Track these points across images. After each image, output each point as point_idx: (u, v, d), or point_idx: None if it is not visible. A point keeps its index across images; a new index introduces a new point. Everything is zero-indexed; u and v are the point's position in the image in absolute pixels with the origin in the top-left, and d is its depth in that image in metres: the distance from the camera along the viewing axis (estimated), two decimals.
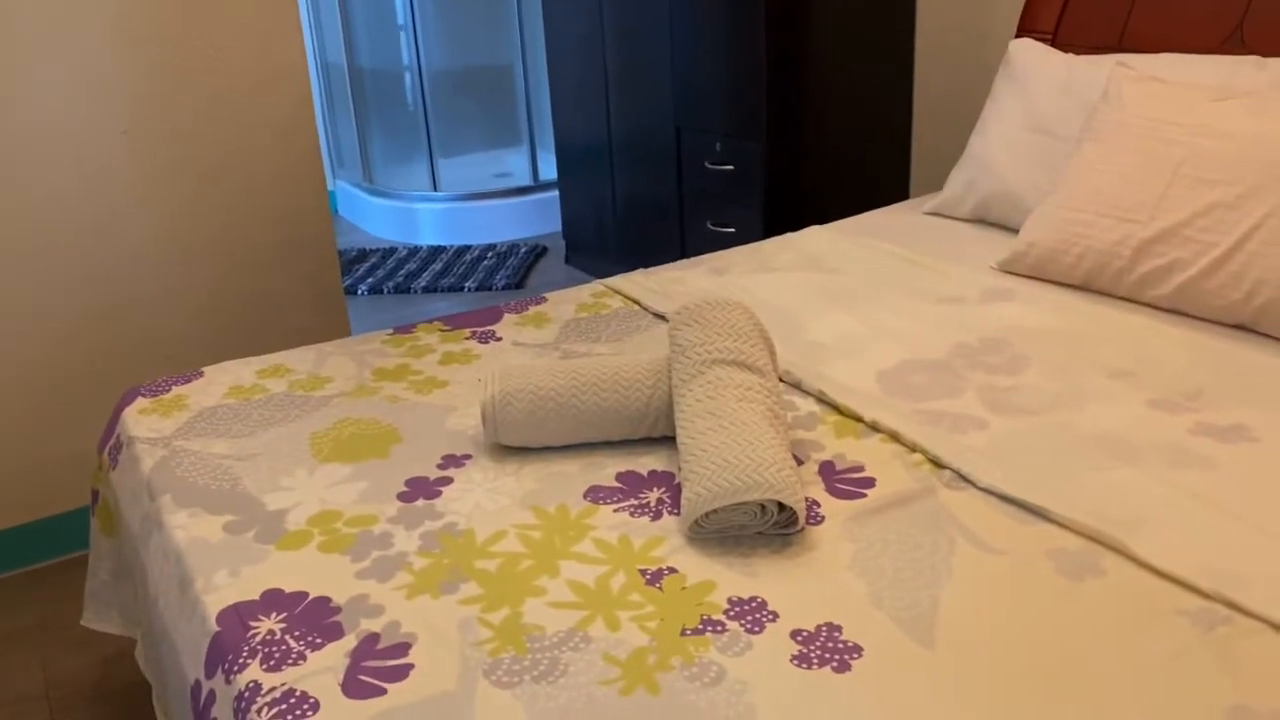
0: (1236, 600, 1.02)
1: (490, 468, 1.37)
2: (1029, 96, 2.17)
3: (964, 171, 2.24)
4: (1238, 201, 1.63)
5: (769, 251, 2.14)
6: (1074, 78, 2.10)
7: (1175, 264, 1.69)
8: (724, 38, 2.73)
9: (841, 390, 1.51)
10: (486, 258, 4.00)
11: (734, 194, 2.83)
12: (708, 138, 2.87)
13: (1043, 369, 1.55)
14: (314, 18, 4.49)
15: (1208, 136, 1.71)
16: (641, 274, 2.07)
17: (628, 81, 3.19)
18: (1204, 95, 1.78)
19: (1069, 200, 1.85)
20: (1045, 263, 1.87)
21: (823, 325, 1.75)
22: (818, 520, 1.21)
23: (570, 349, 1.73)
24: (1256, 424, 1.36)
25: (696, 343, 1.35)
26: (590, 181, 3.54)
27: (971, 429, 1.40)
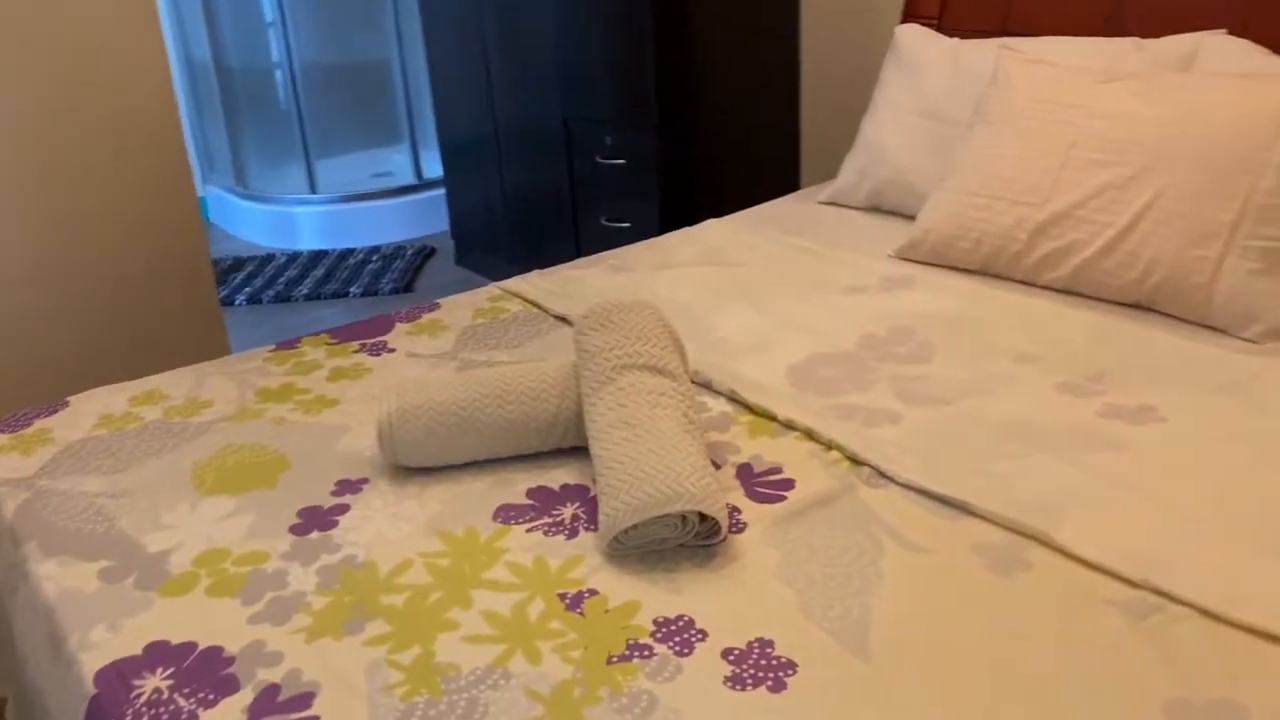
0: (1164, 587, 1.01)
1: (390, 492, 1.29)
2: (918, 81, 2.17)
3: (856, 159, 2.23)
4: (1129, 182, 1.65)
5: (669, 246, 2.10)
6: (961, 62, 2.11)
7: (1071, 246, 1.70)
8: (609, 30, 2.67)
9: (753, 388, 1.47)
10: (371, 261, 3.86)
11: (628, 188, 2.77)
12: (598, 131, 2.81)
13: (950, 356, 1.55)
14: (175, 13, 4.27)
15: (1096, 118, 1.72)
16: (539, 275, 2.00)
17: (511, 74, 3.10)
18: (1090, 77, 1.80)
19: (964, 185, 1.85)
20: (943, 248, 1.87)
21: (729, 321, 1.71)
22: (740, 528, 1.17)
23: (469, 358, 1.65)
24: (1162, 403, 1.37)
25: (605, 348, 1.29)
26: (477, 178, 3.45)
27: (885, 422, 1.37)
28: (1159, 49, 1.88)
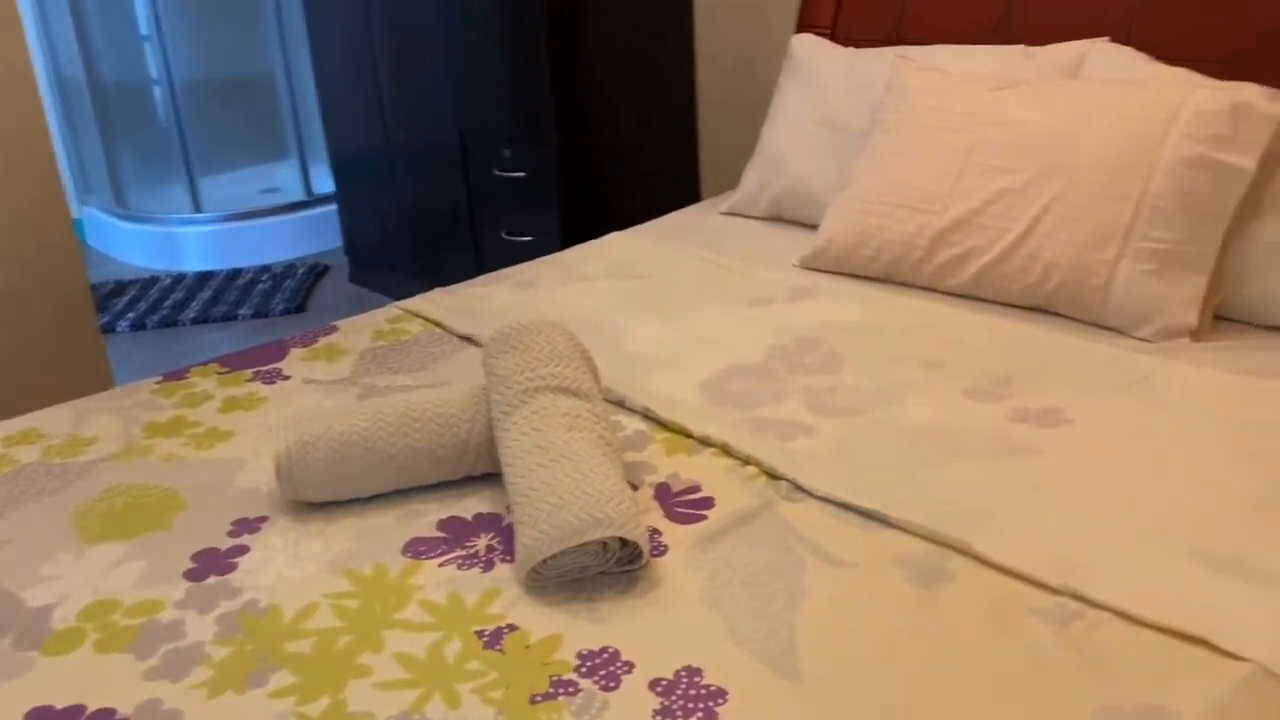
0: (1084, 593, 1.02)
1: (291, 529, 1.22)
2: (814, 91, 2.18)
3: (757, 169, 2.24)
4: (1026, 188, 1.68)
5: (574, 261, 2.06)
6: (856, 70, 2.13)
7: (971, 252, 1.73)
8: (503, 42, 2.63)
9: (666, 404, 1.45)
10: (261, 281, 3.73)
11: (527, 201, 2.73)
12: (495, 144, 2.76)
13: (858, 365, 1.55)
14: (42, 26, 4.06)
15: (992, 125, 1.75)
16: (441, 293, 1.94)
17: (403, 87, 3.03)
18: (983, 85, 1.83)
19: (864, 193, 1.87)
20: (846, 257, 1.88)
21: (639, 336, 1.69)
22: (661, 551, 1.14)
23: (370, 383, 1.59)
24: (1068, 406, 1.39)
25: (516, 370, 1.25)
26: (370, 193, 3.35)
27: (799, 435, 1.36)
28: (1047, 56, 1.92)
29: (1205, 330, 1.58)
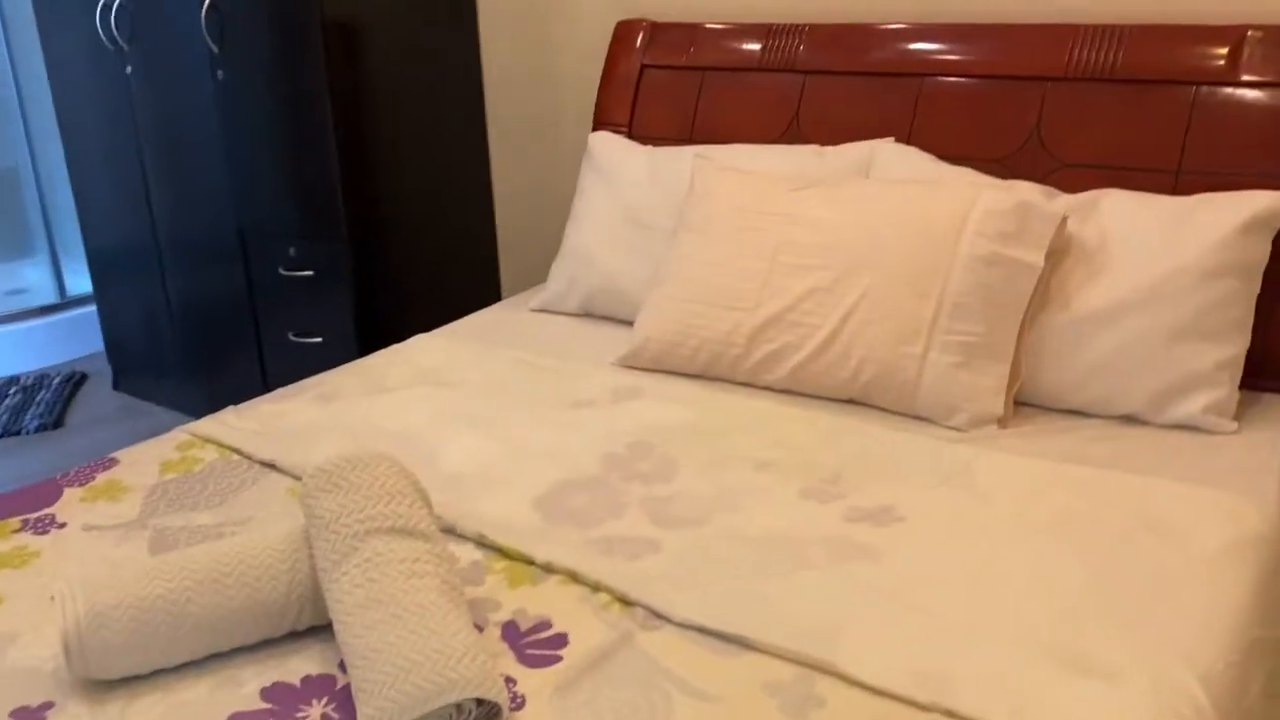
0: (954, 708, 1.02)
1: (84, 715, 1.06)
2: (617, 188, 2.18)
3: (565, 266, 2.21)
4: (834, 285, 1.73)
5: (378, 368, 1.95)
6: (657, 169, 2.15)
7: (786, 348, 1.75)
8: (287, 134, 2.50)
9: (502, 528, 1.37)
10: (9, 394, 3.35)
11: (317, 301, 2.58)
12: (279, 241, 2.61)
13: (693, 469, 1.52)
14: None
15: (796, 224, 1.80)
16: (233, 413, 1.78)
17: (174, 181, 2.82)
18: (784, 185, 1.88)
19: (678, 291, 1.87)
20: (664, 355, 1.87)
21: (460, 451, 1.60)
22: (519, 703, 1.05)
23: (163, 525, 1.42)
24: (898, 502, 1.41)
25: (342, 511, 1.14)
26: (136, 292, 3.09)
27: (646, 552, 1.32)
28: (838, 156, 2.01)
29: (1010, 417, 1.66)
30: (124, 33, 2.72)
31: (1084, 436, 1.61)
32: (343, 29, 2.38)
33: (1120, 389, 1.64)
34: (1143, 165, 1.81)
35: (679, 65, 2.30)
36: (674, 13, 2.38)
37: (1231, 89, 1.75)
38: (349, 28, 2.40)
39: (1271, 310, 1.69)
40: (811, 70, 2.15)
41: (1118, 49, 1.84)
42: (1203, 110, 1.77)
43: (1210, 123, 1.76)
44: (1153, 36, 1.82)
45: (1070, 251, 1.70)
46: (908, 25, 2.06)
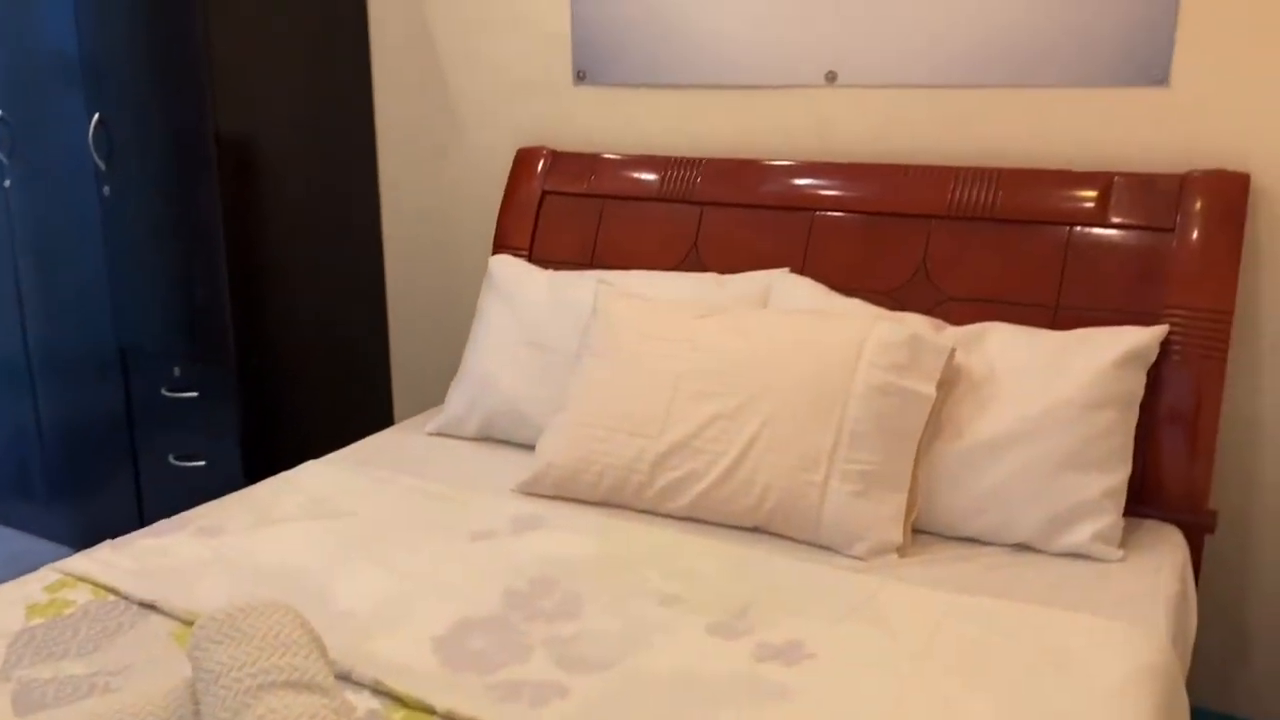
0: None
1: None
2: (518, 312, 2.18)
3: (464, 389, 2.18)
4: (736, 412, 1.74)
5: (266, 498, 1.87)
6: (558, 293, 2.16)
7: (690, 475, 1.75)
8: (176, 253, 2.43)
9: (400, 673, 1.31)
10: None
11: (201, 423, 2.49)
12: (163, 361, 2.51)
13: (598, 606, 1.49)
14: None
15: (699, 351, 1.82)
16: (109, 549, 1.68)
17: (51, 296, 2.71)
18: (686, 312, 1.91)
19: (581, 417, 1.86)
20: (566, 482, 1.85)
21: (354, 587, 1.54)
22: None
23: (29, 678, 1.32)
24: (806, 637, 1.41)
25: (235, 664, 1.07)
26: (4, 410, 2.92)
27: (553, 697, 1.27)
28: (738, 285, 2.06)
29: (909, 545, 1.68)
30: (4, 147, 2.63)
31: (981, 565, 1.64)
32: (237, 146, 2.36)
33: (1012, 518, 1.68)
34: (1023, 300, 1.90)
35: (579, 193, 2.34)
36: (573, 143, 2.44)
37: (1101, 230, 1.86)
38: (243, 145, 2.38)
39: (1148, 439, 1.77)
40: (708, 202, 2.21)
41: (996, 190, 1.95)
42: (1076, 249, 1.87)
43: (1084, 261, 1.87)
44: (1027, 180, 1.93)
45: (959, 382, 1.76)
46: (797, 163, 2.14)
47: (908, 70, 2.06)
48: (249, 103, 2.37)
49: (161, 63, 2.33)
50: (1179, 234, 1.80)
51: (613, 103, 2.38)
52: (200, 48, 2.26)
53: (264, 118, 2.41)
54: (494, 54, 2.50)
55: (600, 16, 2.34)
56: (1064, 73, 1.93)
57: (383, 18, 2.62)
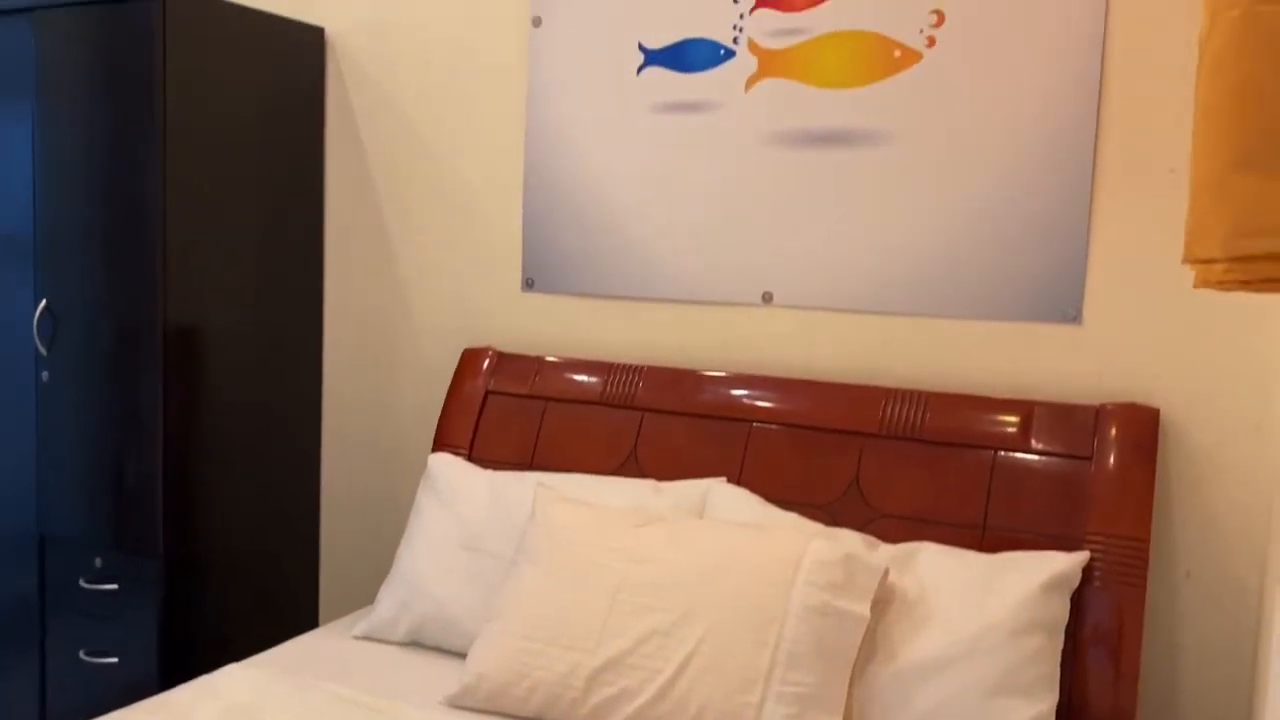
0: None
1: None
2: (455, 512, 2.18)
3: (394, 591, 2.15)
4: (673, 628, 1.74)
5: (183, 704, 1.80)
6: (497, 494, 2.17)
7: (624, 693, 1.73)
8: (111, 443, 2.40)
9: None
10: None
11: (119, 618, 2.40)
12: (85, 550, 2.44)
13: None
14: None
15: (635, 563, 1.83)
16: None
17: None
18: (625, 520, 1.93)
19: (514, 627, 1.84)
20: (497, 695, 1.81)
21: None
22: None
23: None
24: None
25: None
26: None
27: None
28: (676, 492, 2.09)
29: None
30: None
31: None
32: (184, 335, 2.37)
33: None
34: (952, 520, 1.96)
35: (522, 394, 2.39)
36: (519, 345, 2.50)
37: (1024, 455, 1.95)
38: (190, 334, 2.39)
39: (1074, 663, 1.80)
40: (649, 408, 2.27)
41: (924, 412, 2.03)
42: (1001, 473, 1.95)
43: (1008, 485, 1.94)
44: (954, 404, 2.03)
45: (893, 602, 1.79)
46: (735, 376, 2.23)
47: (839, 295, 2.18)
48: (199, 292, 2.41)
49: (116, 249, 2.37)
50: (1096, 463, 1.90)
51: (559, 310, 2.47)
52: (157, 233, 2.30)
53: (213, 307, 2.44)
54: (446, 255, 2.59)
55: (550, 228, 2.45)
56: (985, 306, 2.06)
57: (338, 211, 2.71)
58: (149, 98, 2.28)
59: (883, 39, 2.11)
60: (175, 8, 2.28)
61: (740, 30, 2.24)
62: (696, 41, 2.29)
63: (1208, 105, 0.78)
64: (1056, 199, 2.00)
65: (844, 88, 2.15)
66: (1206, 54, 0.79)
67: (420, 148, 2.60)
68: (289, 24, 2.60)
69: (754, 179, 2.24)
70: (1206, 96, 0.79)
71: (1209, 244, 0.78)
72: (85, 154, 2.38)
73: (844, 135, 2.16)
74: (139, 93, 2.30)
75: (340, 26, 2.67)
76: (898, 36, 2.10)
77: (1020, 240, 2.03)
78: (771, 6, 2.21)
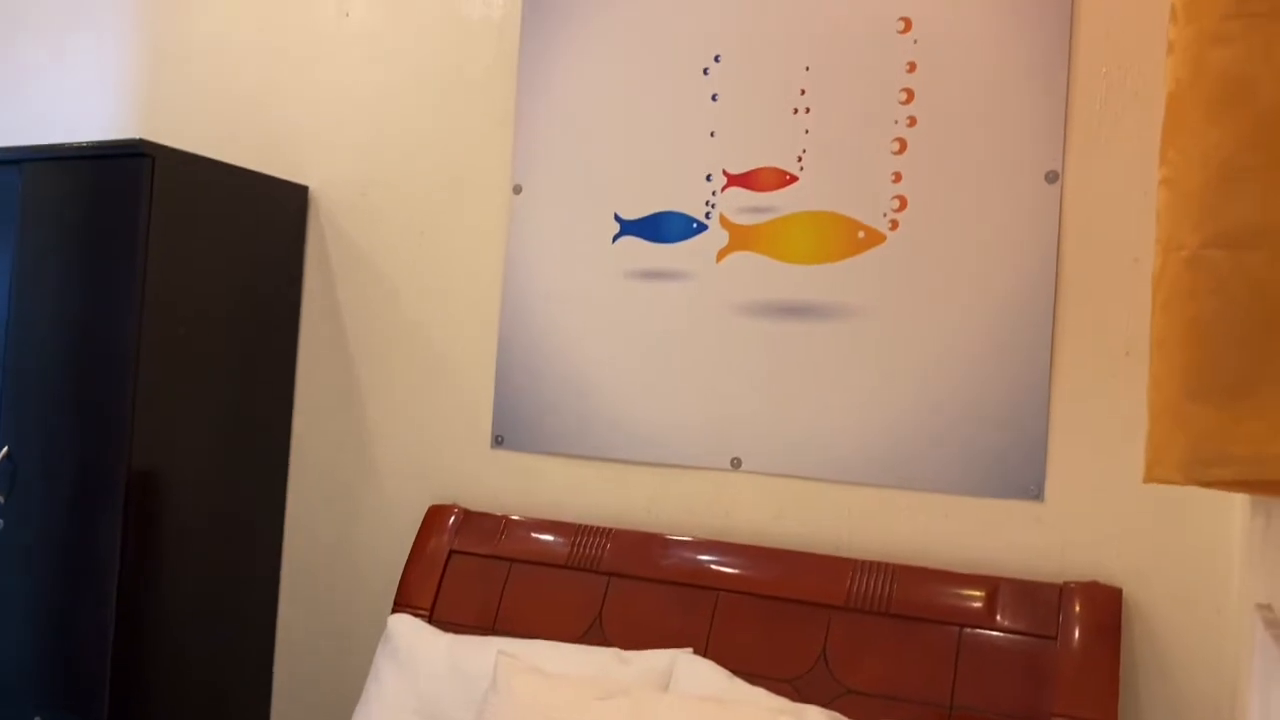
0: None
1: None
2: (413, 676, 2.13)
3: None
4: None
5: None
6: (458, 659, 2.12)
7: None
8: (60, 595, 2.34)
9: None
10: None
11: None
12: (23, 707, 2.34)
13: None
14: None
15: None
16: None
17: None
18: (587, 691, 1.89)
19: None
20: None
21: None
22: None
23: None
24: None
25: None
26: None
27: None
28: (641, 662, 2.06)
29: None
30: None
31: None
32: (145, 480, 2.34)
33: None
34: (919, 698, 1.94)
35: (487, 554, 2.37)
36: (485, 503, 2.49)
37: (990, 632, 1.95)
38: (152, 480, 2.36)
39: None
40: (615, 573, 2.25)
41: (891, 584, 2.04)
42: (968, 650, 1.95)
43: (975, 662, 1.93)
44: (920, 578, 2.03)
45: None
46: (703, 541, 2.23)
47: (807, 463, 2.21)
48: (165, 441, 2.39)
49: (85, 393, 2.36)
50: (1061, 642, 1.90)
51: (527, 469, 2.47)
52: (129, 379, 2.29)
53: (178, 455, 2.42)
54: (416, 409, 2.60)
55: (522, 386, 2.48)
56: (949, 481, 2.10)
57: (310, 363, 2.73)
58: (131, 247, 2.32)
59: (848, 220, 2.21)
60: (164, 165, 2.35)
61: (713, 205, 2.33)
62: (671, 214, 2.37)
63: (1161, 338, 0.83)
64: (1017, 378, 2.06)
65: (811, 264, 2.23)
66: (1159, 290, 0.84)
67: (396, 307, 2.64)
68: (274, 182, 2.67)
69: (724, 347, 2.30)
70: (1160, 330, 0.84)
71: (1168, 468, 0.82)
72: (60, 297, 2.40)
73: (812, 308, 2.23)
74: (121, 241, 2.33)
75: (324, 185, 2.74)
76: (862, 218, 2.19)
77: (983, 417, 2.08)
78: (742, 185, 2.31)
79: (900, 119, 2.17)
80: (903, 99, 2.17)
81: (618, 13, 2.45)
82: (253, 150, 2.79)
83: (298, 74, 2.80)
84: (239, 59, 2.88)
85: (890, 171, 2.17)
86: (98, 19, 3.13)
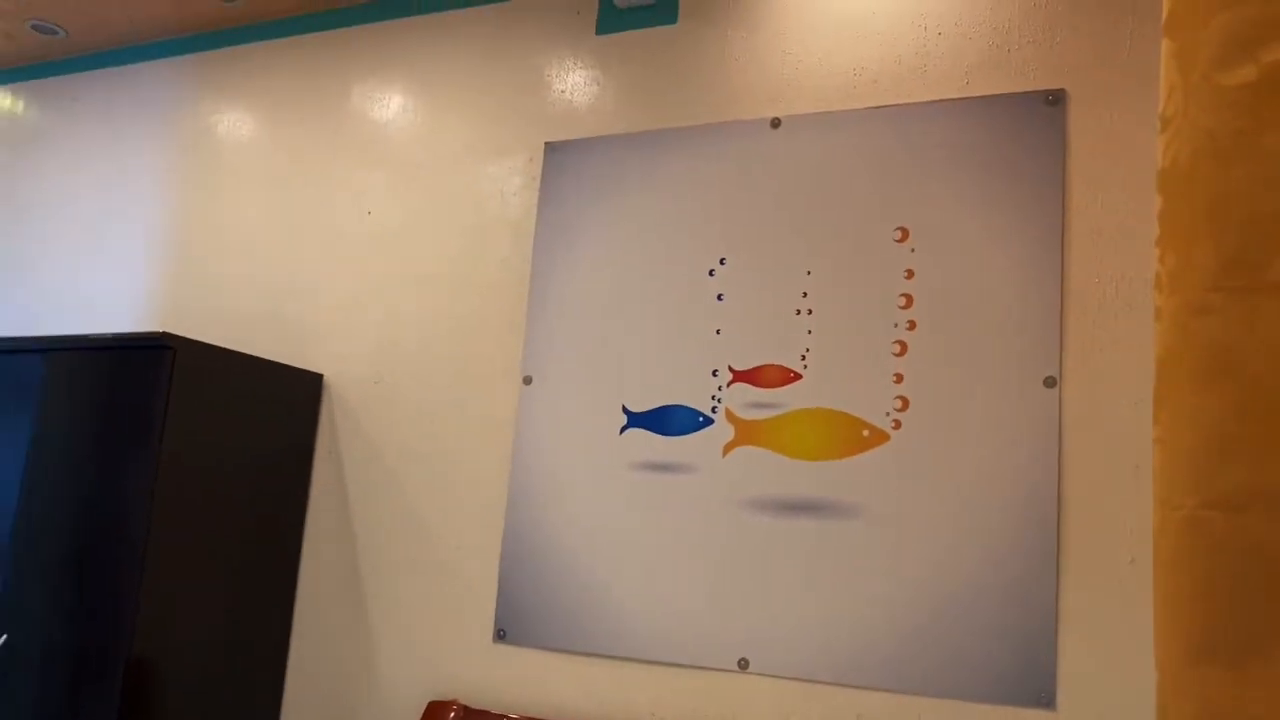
0: None
1: None
2: None
3: None
4: None
5: None
6: None
7: None
8: None
9: None
10: None
11: None
12: None
13: None
14: None
15: None
16: None
17: None
18: None
19: None
20: None
21: None
22: None
23: None
24: None
25: None
26: None
27: None
28: None
29: None
30: None
31: None
32: (144, 669, 2.30)
33: None
34: None
35: None
36: (486, 700, 2.44)
37: None
38: (150, 668, 2.32)
39: None
40: None
41: None
42: None
43: None
44: None
45: None
46: None
47: (815, 666, 2.18)
48: (167, 629, 2.36)
49: (90, 578, 2.34)
50: None
51: (530, 664, 2.43)
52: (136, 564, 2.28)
53: (179, 641, 2.39)
54: (418, 602, 2.58)
55: (526, 579, 2.47)
56: (959, 687, 2.06)
57: (314, 552, 2.72)
58: (147, 433, 2.35)
59: (852, 418, 2.25)
60: (183, 356, 2.41)
61: (719, 400, 2.38)
62: (677, 408, 2.42)
63: (1166, 597, 0.84)
64: (1024, 584, 2.05)
65: (815, 460, 2.26)
66: (1160, 550, 0.86)
67: (402, 495, 2.66)
68: (290, 371, 2.73)
69: (730, 542, 2.30)
70: (1164, 590, 0.85)
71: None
72: (73, 484, 2.42)
73: (816, 505, 2.24)
74: (138, 428, 2.37)
75: (339, 375, 2.80)
76: (866, 417, 2.23)
77: (991, 621, 2.06)
78: (747, 381, 2.36)
79: (900, 322, 2.24)
80: (901, 303, 2.24)
81: (629, 214, 2.56)
82: (271, 339, 2.87)
83: (318, 269, 2.90)
84: (264, 255, 2.99)
85: (892, 372, 2.22)
86: (132, 213, 3.27)
